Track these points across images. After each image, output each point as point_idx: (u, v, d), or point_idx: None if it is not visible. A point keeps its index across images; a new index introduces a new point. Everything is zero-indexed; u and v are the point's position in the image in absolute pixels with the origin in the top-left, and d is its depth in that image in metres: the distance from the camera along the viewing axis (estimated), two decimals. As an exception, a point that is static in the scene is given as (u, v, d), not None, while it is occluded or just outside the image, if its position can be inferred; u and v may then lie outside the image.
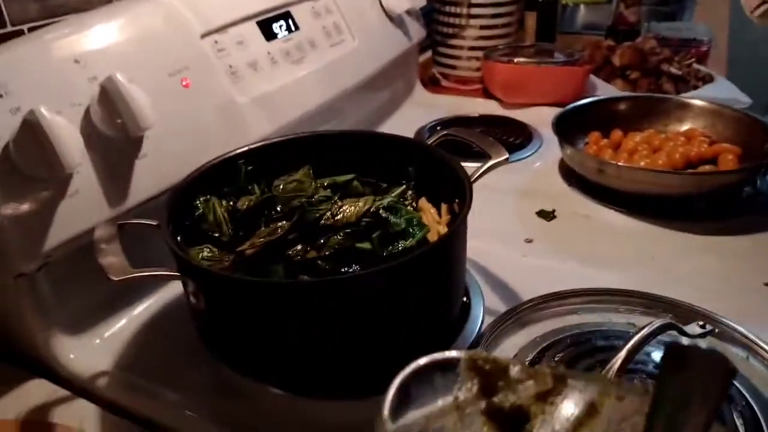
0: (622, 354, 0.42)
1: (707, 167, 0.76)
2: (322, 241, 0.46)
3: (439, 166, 0.57)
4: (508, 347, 0.53)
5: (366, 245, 0.48)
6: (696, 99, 0.87)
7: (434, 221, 0.56)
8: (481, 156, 0.57)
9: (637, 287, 0.59)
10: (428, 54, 1.26)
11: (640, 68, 1.10)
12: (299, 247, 0.47)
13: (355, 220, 0.49)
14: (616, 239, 0.70)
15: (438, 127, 1.00)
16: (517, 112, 1.05)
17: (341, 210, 0.49)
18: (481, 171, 0.55)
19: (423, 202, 0.58)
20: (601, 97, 0.90)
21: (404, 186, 0.56)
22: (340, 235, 0.47)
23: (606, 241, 0.70)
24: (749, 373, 0.49)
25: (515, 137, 0.94)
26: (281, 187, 0.52)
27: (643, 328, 0.43)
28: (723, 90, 1.06)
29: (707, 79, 1.10)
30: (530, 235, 0.71)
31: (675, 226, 0.71)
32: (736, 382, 0.47)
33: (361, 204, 0.49)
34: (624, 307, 0.56)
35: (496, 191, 0.81)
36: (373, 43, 0.90)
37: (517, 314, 0.56)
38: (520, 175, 0.85)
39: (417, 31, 1.04)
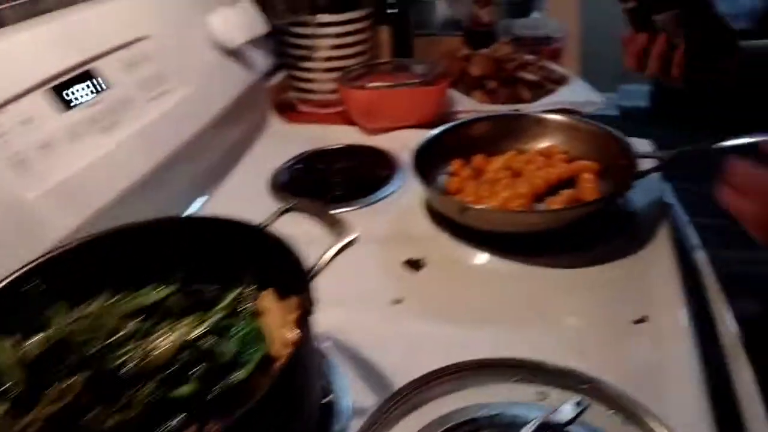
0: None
1: (568, 192, 0.74)
2: (124, 400, 0.37)
3: (279, 252, 0.49)
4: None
5: (185, 390, 0.39)
6: (551, 114, 0.86)
7: (280, 323, 0.48)
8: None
9: (514, 345, 0.55)
10: (281, 76, 1.18)
11: (497, 77, 1.07)
12: (98, 411, 0.37)
13: (170, 359, 0.40)
14: (489, 285, 0.66)
15: (298, 166, 0.92)
16: (379, 138, 0.99)
17: (152, 347, 0.40)
18: (327, 260, 0.48)
19: (266, 299, 0.50)
20: (457, 123, 0.86)
21: (240, 289, 0.48)
22: (151, 385, 0.38)
23: (478, 290, 0.66)
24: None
25: (380, 170, 0.88)
26: (75, 323, 0.42)
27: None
28: (577, 93, 1.07)
29: (562, 81, 1.11)
30: (399, 293, 0.66)
31: (545, 261, 0.68)
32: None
33: (175, 336, 0.41)
34: (500, 381, 0.52)
35: (359, 242, 0.75)
36: (210, 85, 0.80)
37: (387, 412, 0.49)
38: (384, 217, 0.80)
39: (262, 60, 0.95)
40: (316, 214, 0.52)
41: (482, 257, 0.70)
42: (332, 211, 0.79)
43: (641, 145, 0.83)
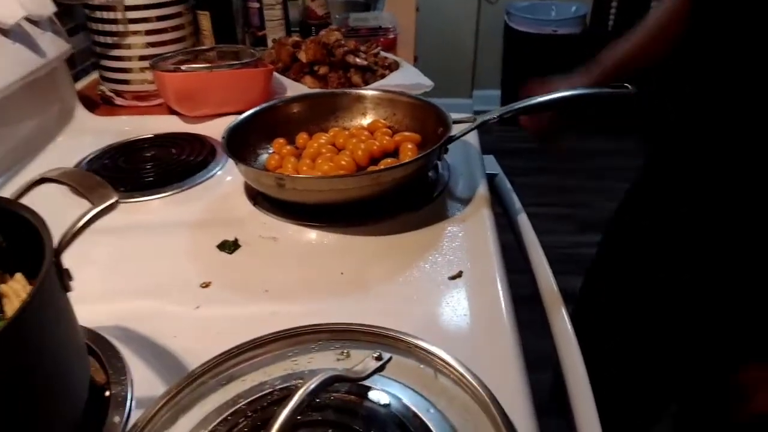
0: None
1: (389, 160, 0.72)
2: None
3: (26, 228, 0.41)
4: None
5: None
6: (371, 90, 0.84)
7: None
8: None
9: (324, 314, 0.51)
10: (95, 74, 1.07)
11: (327, 62, 1.05)
12: None
13: None
14: (305, 260, 0.62)
15: (104, 158, 0.82)
16: (200, 126, 0.92)
17: None
18: (76, 229, 0.40)
19: (14, 282, 0.42)
20: (275, 101, 0.82)
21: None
22: None
23: (293, 265, 0.62)
24: (436, 393, 0.44)
25: (195, 155, 0.81)
26: None
27: (293, 395, 0.34)
28: (407, 76, 1.07)
29: (393, 67, 1.11)
30: (208, 277, 0.60)
31: (365, 230, 0.66)
32: (420, 413, 0.41)
33: None
34: (301, 348, 0.48)
35: (170, 227, 0.68)
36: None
37: (174, 398, 0.43)
38: (199, 202, 0.73)
39: (53, 44, 0.84)
40: (74, 181, 0.44)
41: (300, 233, 0.66)
42: (139, 199, 0.73)
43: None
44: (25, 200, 0.44)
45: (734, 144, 0.70)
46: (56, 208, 0.44)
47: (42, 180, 0.47)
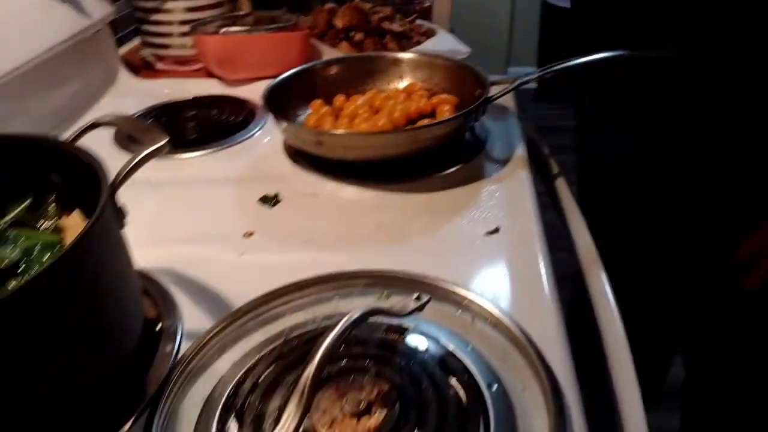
0: (314, 362, 0.33)
1: (425, 121, 0.73)
2: None
3: (83, 169, 0.43)
4: (210, 377, 0.43)
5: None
6: (408, 54, 0.84)
7: (86, 240, 0.42)
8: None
9: (363, 263, 0.52)
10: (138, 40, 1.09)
11: (363, 29, 1.05)
12: None
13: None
14: (344, 214, 0.64)
15: (147, 118, 0.85)
16: (240, 89, 0.94)
17: None
18: (130, 167, 0.42)
19: (73, 218, 0.44)
20: (314, 64, 0.83)
21: (28, 201, 0.41)
22: None
23: (333, 219, 0.63)
24: (474, 336, 0.45)
25: (235, 116, 0.83)
26: None
27: (335, 326, 0.36)
28: (444, 42, 1.07)
29: (429, 34, 1.11)
30: (251, 227, 0.61)
31: (403, 188, 0.67)
32: (457, 353, 0.42)
33: (-62, 241, 0.34)
34: (343, 291, 0.49)
35: (212, 183, 0.70)
36: (22, 26, 0.71)
37: (221, 332, 0.45)
38: (240, 160, 0.75)
39: (98, 6, 0.86)
40: (126, 125, 0.46)
41: (339, 189, 0.67)
42: (182, 156, 0.76)
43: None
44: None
45: (733, 119, 0.69)
46: (105, 156, 0.46)
47: (94, 125, 0.49)
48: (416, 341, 0.43)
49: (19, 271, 0.35)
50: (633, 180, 0.83)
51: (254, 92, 0.90)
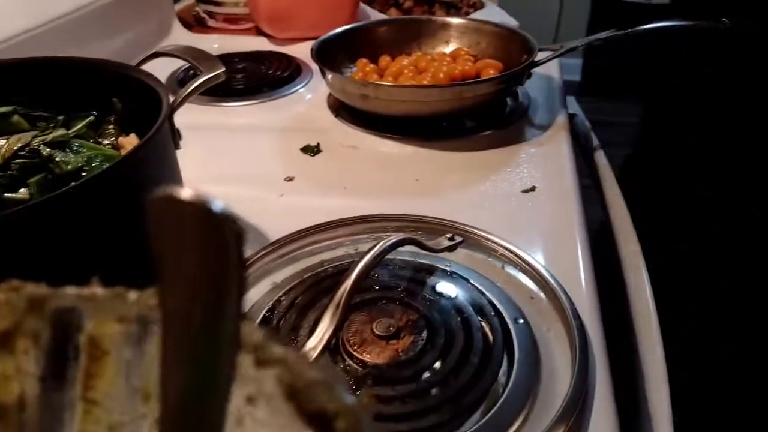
0: (352, 277, 0.35)
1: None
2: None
3: (144, 91, 0.46)
4: (248, 299, 0.45)
5: (21, 195, 0.35)
6: (456, 18, 0.85)
7: (141, 160, 0.44)
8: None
9: (400, 210, 0.54)
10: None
11: (412, -4, 1.06)
12: None
13: (2, 163, 0.36)
14: (382, 167, 0.65)
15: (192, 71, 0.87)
16: (288, 48, 0.96)
17: (-19, 151, 0.36)
18: (189, 90, 0.44)
19: (130, 139, 0.47)
20: (364, 23, 0.84)
21: (91, 117, 0.44)
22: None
23: (371, 170, 0.64)
24: (502, 280, 0.46)
25: (282, 71, 0.85)
26: None
27: (373, 247, 0.37)
28: (492, 15, 1.06)
29: (478, 6, 1.10)
30: (292, 173, 0.63)
31: (442, 146, 0.68)
32: (486, 291, 0.43)
33: (11, 141, 0.37)
34: (378, 234, 0.50)
35: (257, 131, 0.73)
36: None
37: (259, 260, 0.47)
38: (284, 112, 0.77)
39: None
40: (186, 54, 0.48)
41: (380, 143, 0.69)
42: (229, 104, 0.78)
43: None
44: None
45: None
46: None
47: (156, 54, 0.51)
48: (446, 278, 0.44)
49: (82, 175, 0.38)
50: (694, 157, 0.82)
51: (302, 51, 0.92)
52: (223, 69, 0.46)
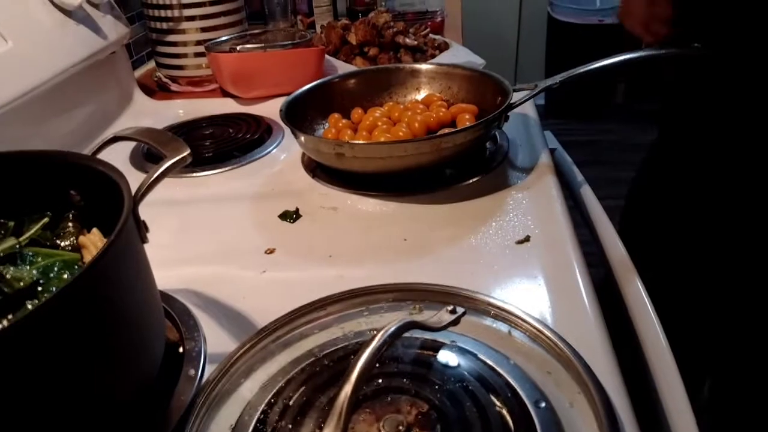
0: (351, 380, 0.31)
1: (446, 131, 0.71)
2: None
3: (103, 182, 0.42)
4: (237, 401, 0.40)
5: (-33, 323, 0.31)
6: (424, 65, 0.83)
7: (106, 259, 0.40)
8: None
9: (390, 278, 0.50)
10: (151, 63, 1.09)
11: (377, 44, 1.05)
12: None
13: (-56, 289, 0.31)
14: (366, 228, 0.62)
15: (163, 138, 0.83)
16: (256, 107, 0.93)
17: None
18: (153, 178, 0.41)
19: (92, 236, 0.43)
20: (331, 77, 0.81)
21: (46, 219, 0.40)
22: None
23: (355, 233, 0.61)
24: (512, 350, 0.42)
25: (252, 133, 0.82)
26: None
27: (372, 339, 0.33)
28: (459, 55, 1.06)
29: (443, 47, 1.10)
30: (272, 243, 0.60)
31: (425, 199, 0.65)
32: (498, 367, 0.40)
33: (-46, 262, 0.32)
34: (372, 307, 0.47)
35: (231, 200, 0.69)
36: (39, 45, 0.71)
37: (246, 353, 0.43)
38: (258, 177, 0.74)
39: (114, 27, 0.86)
40: (147, 136, 0.45)
41: (360, 202, 0.66)
42: (200, 174, 0.74)
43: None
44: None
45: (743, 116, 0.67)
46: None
47: (115, 138, 0.47)
48: (453, 357, 0.41)
49: (38, 290, 0.33)
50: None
51: (270, 110, 0.89)
52: (188, 152, 0.42)
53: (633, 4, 0.73)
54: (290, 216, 0.64)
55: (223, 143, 0.80)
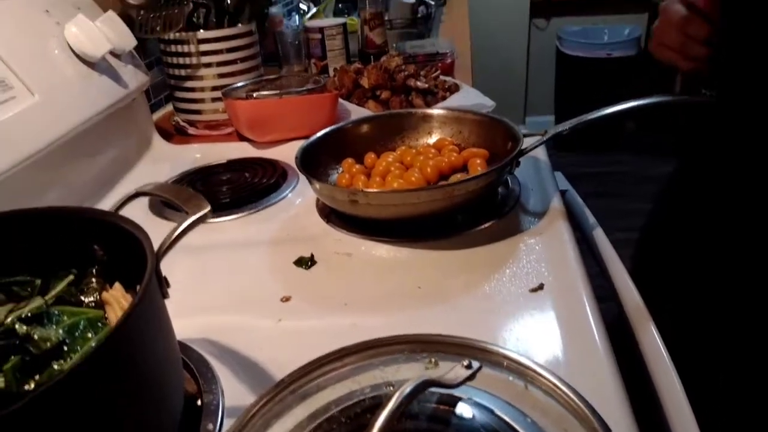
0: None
1: (458, 176, 0.72)
2: None
3: (125, 238, 0.43)
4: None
5: (-5, 385, 0.32)
6: (437, 109, 0.85)
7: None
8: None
9: (405, 326, 0.51)
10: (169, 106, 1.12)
11: (389, 87, 1.07)
12: None
13: (-27, 351, 0.33)
14: (381, 275, 0.62)
15: (182, 183, 0.86)
16: (271, 151, 0.95)
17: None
18: (175, 235, 0.42)
19: (114, 291, 0.44)
20: (345, 123, 0.83)
21: (71, 276, 0.41)
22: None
23: (370, 280, 0.62)
24: (529, 406, 0.42)
25: (268, 178, 0.83)
26: None
27: (388, 402, 0.34)
28: (469, 97, 1.08)
29: (453, 89, 1.12)
30: (287, 291, 0.60)
31: (438, 245, 0.65)
32: (513, 423, 0.40)
33: (-17, 324, 0.33)
34: (388, 358, 0.47)
35: (247, 247, 0.70)
36: (64, 97, 0.73)
37: (263, 407, 0.43)
38: (274, 222, 0.75)
39: (134, 76, 0.89)
40: (168, 194, 0.46)
41: (374, 248, 0.66)
42: (216, 220, 0.76)
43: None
44: (123, 213, 0.46)
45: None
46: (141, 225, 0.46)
47: (137, 194, 0.49)
48: (470, 413, 0.41)
49: (64, 350, 0.34)
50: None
51: (285, 154, 0.91)
52: (209, 208, 0.43)
53: (667, 32, 0.70)
54: (305, 262, 0.65)
55: (239, 189, 0.81)
